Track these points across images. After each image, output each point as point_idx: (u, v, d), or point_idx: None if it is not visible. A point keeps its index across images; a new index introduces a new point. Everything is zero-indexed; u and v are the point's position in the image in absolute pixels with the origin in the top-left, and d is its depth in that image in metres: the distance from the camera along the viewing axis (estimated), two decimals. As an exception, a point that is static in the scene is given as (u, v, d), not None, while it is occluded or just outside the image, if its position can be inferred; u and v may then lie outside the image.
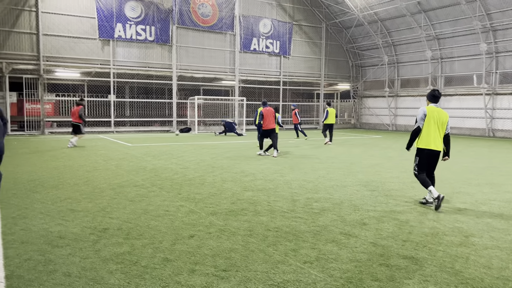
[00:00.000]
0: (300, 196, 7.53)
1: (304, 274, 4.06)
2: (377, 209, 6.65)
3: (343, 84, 34.55)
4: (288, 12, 30.52)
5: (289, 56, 30.77)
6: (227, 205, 6.78)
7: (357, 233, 5.37)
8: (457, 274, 4.11)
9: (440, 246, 4.92)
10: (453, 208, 6.82)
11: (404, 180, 9.45)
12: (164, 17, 25.55)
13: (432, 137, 6.75)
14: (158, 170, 10.37)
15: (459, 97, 27.25)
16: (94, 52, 23.76)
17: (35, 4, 22.03)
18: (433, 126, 6.74)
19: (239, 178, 9.30)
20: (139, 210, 6.40)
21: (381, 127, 32.78)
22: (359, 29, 31.61)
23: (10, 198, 7.06)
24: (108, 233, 5.24)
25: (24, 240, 4.93)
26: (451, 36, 26.81)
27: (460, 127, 27.30)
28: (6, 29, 21.50)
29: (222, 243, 4.91)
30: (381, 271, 4.16)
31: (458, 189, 8.53)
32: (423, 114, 6.82)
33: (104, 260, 4.33)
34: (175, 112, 26.87)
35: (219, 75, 28.21)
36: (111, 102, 24.78)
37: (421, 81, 29.85)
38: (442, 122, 6.79)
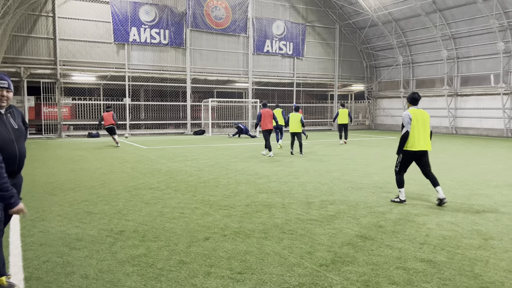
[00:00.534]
0: (315, 198, 7.50)
1: (320, 277, 4.03)
2: (394, 211, 6.58)
3: (357, 85, 34.32)
4: (301, 13, 30.47)
5: (303, 58, 30.70)
6: (242, 207, 6.78)
7: (373, 236, 5.31)
8: (476, 278, 4.03)
9: (459, 249, 4.84)
10: (472, 210, 6.71)
11: (421, 181, 9.32)
12: (178, 20, 25.75)
13: (421, 138, 6.97)
14: (173, 172, 10.44)
15: (476, 97, 26.82)
16: (109, 56, 24.07)
17: (52, 9, 22.43)
18: (420, 127, 6.96)
19: (253, 180, 9.30)
20: (154, 212, 6.44)
21: (396, 128, 32.44)
22: (373, 29, 31.38)
23: (29, 201, 7.18)
24: (124, 235, 5.29)
25: (42, 242, 5.01)
26: (468, 35, 26.41)
27: (477, 128, 26.87)
28: (24, 34, 21.93)
29: (237, 246, 4.91)
30: (398, 274, 4.11)
31: (476, 190, 8.38)
32: (409, 118, 6.96)
33: (121, 262, 4.37)
34: (189, 115, 27.04)
35: (233, 78, 28.29)
36: (126, 105, 25.05)
37: (437, 81, 29.47)
38: (425, 121, 7.04)
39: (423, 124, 6.98)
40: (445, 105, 28.45)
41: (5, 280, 3.75)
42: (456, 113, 28.20)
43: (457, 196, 7.84)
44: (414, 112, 7.01)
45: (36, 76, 22.55)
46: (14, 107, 3.89)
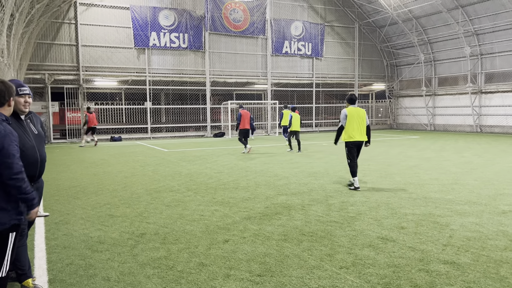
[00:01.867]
0: (335, 200, 7.43)
1: (340, 280, 3.99)
2: (416, 212, 6.47)
3: (378, 84, 33.89)
4: (320, 13, 30.30)
5: (322, 58, 30.51)
6: (261, 209, 6.77)
7: (394, 237, 5.23)
8: (502, 280, 3.92)
9: (484, 251, 4.72)
10: (497, 211, 6.53)
11: (444, 182, 9.14)
12: (197, 24, 25.96)
13: (356, 131, 8.41)
14: (193, 175, 10.51)
15: (502, 94, 26.12)
16: (130, 60, 24.44)
17: (74, 17, 22.93)
18: (356, 123, 8.41)
19: (272, 182, 9.29)
20: (175, 215, 6.50)
21: (419, 127, 31.89)
22: (393, 27, 30.95)
23: (53, 204, 7.35)
24: (145, 238, 5.35)
25: (66, 245, 5.11)
26: (491, 31, 25.76)
27: (503, 126, 26.17)
28: (48, 42, 22.49)
29: (257, 248, 4.90)
30: (421, 276, 4.03)
31: (502, 190, 8.16)
32: (345, 115, 8.45)
33: (142, 265, 4.43)
34: (209, 117, 27.21)
35: (252, 79, 28.34)
36: (148, 109, 25.38)
37: (460, 79, 28.84)
38: (362, 118, 8.49)
39: (358, 120, 8.43)
40: (469, 103, 27.82)
41: (31, 282, 3.85)
42: (480, 111, 27.53)
43: (482, 196, 7.65)
44: (351, 110, 8.47)
45: (59, 82, 23.09)
46: (33, 113, 3.99)
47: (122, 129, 25.80)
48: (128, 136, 24.87)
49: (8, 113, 3.21)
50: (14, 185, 3.02)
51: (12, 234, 3.10)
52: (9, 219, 3.05)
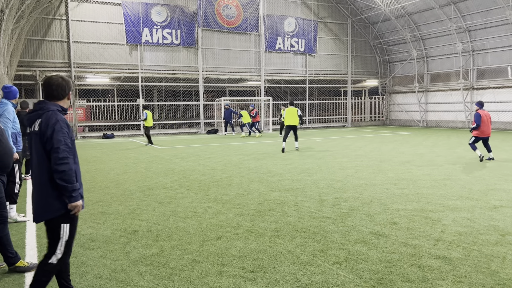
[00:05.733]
0: (328, 196, 7.45)
1: (333, 275, 4.00)
2: (408, 208, 6.50)
3: (371, 80, 33.98)
4: (313, 9, 30.28)
5: (315, 54, 30.52)
6: (254, 206, 6.77)
7: (387, 233, 5.25)
8: (493, 275, 3.95)
9: (475, 246, 4.75)
10: (489, 206, 6.58)
11: (436, 177, 9.20)
12: (189, 20, 25.84)
13: (291, 120, 14.64)
14: (186, 171, 10.48)
15: (493, 90, 26.30)
16: (122, 57, 24.28)
17: (65, 13, 22.71)
18: (290, 116, 14.63)
19: (266, 179, 9.28)
20: (167, 212, 6.48)
21: (411, 123, 32.06)
22: (386, 24, 31.02)
23: (44, 202, 7.29)
24: (138, 235, 5.33)
25: (57, 242, 5.06)
26: (483, 28, 25.91)
27: (494, 121, 26.33)
28: (39, 38, 22.26)
29: (250, 244, 4.90)
30: (413, 271, 4.05)
31: (493, 185, 8.23)
32: (284, 112, 15.20)
33: (134, 262, 4.41)
34: (202, 114, 27.13)
35: (245, 76, 28.28)
36: (140, 106, 25.26)
37: (452, 75, 28.99)
38: (294, 113, 14.63)
39: (292, 114, 14.63)
40: (461, 99, 28.00)
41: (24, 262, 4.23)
42: (472, 107, 27.69)
43: (473, 191, 7.70)
44: (289, 109, 14.78)
45: (51, 79, 22.87)
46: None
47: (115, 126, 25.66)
48: (120, 133, 24.73)
49: (66, 106, 3.40)
50: (61, 170, 3.10)
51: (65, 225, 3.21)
52: (60, 207, 3.16)
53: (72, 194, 3.15)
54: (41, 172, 3.17)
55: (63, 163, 3.11)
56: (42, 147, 3.15)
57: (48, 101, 3.30)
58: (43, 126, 3.15)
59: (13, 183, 5.93)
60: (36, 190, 3.21)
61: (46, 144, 3.12)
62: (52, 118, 3.16)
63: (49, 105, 3.26)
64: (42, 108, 3.25)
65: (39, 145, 3.16)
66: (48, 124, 3.14)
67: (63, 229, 3.21)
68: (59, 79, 3.33)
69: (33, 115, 3.25)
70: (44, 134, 3.12)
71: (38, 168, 3.18)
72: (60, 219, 3.19)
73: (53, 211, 3.15)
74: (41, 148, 3.15)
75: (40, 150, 3.16)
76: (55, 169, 3.10)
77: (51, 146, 3.11)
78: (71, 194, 3.15)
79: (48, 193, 3.15)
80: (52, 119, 3.16)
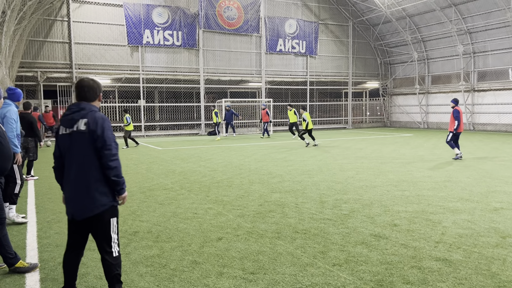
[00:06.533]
0: (329, 198, 7.45)
1: (333, 277, 4.00)
2: (408, 210, 6.50)
3: (372, 82, 33.98)
4: (314, 11, 30.30)
5: (316, 56, 30.53)
6: (255, 207, 6.77)
7: (387, 235, 5.25)
8: (493, 277, 3.95)
9: (475, 248, 4.75)
10: (489, 208, 6.58)
11: (436, 179, 9.19)
12: (191, 21, 25.87)
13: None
14: (187, 173, 10.49)
15: (494, 92, 26.28)
16: (123, 58, 24.32)
17: (67, 14, 22.76)
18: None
19: (266, 180, 9.29)
20: (168, 213, 6.48)
21: (412, 125, 32.03)
22: (387, 26, 31.03)
23: (45, 203, 7.30)
24: (138, 236, 5.33)
25: (58, 243, 5.08)
26: (484, 30, 25.90)
27: (495, 123, 26.35)
28: (40, 39, 22.31)
29: (250, 246, 4.90)
30: (413, 273, 4.05)
31: (494, 187, 8.22)
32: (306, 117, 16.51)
33: (134, 263, 4.41)
34: (203, 115, 27.15)
35: (246, 77, 28.30)
36: (141, 107, 25.29)
37: (453, 77, 28.98)
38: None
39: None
40: (461, 101, 27.95)
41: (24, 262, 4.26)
42: (473, 109, 27.71)
43: (474, 193, 7.70)
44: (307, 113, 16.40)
45: (52, 80, 22.92)
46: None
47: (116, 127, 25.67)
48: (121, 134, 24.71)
49: (98, 107, 3.50)
50: (113, 166, 3.28)
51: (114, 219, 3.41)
52: (108, 201, 3.32)
53: (122, 186, 3.38)
54: (87, 169, 3.26)
55: (115, 159, 3.30)
56: (90, 146, 3.25)
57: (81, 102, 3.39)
58: (92, 125, 3.26)
59: (14, 184, 5.94)
60: (78, 188, 3.28)
61: (97, 142, 3.25)
62: (100, 117, 3.32)
63: (90, 106, 3.38)
64: (84, 108, 3.34)
65: (84, 144, 3.25)
66: (97, 123, 3.27)
67: (113, 223, 3.40)
68: (90, 82, 3.43)
69: (76, 115, 3.31)
70: (94, 132, 3.24)
71: (82, 166, 3.27)
72: (109, 213, 3.36)
73: (101, 206, 3.29)
74: (88, 146, 3.26)
75: (87, 148, 3.26)
76: (108, 166, 3.27)
77: (103, 144, 3.25)
78: (122, 187, 3.38)
79: (96, 189, 3.27)
80: (100, 118, 3.31)
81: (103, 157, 3.26)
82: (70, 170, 3.34)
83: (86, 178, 3.27)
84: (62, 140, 3.36)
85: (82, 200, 3.28)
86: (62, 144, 3.37)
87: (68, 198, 3.37)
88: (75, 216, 3.32)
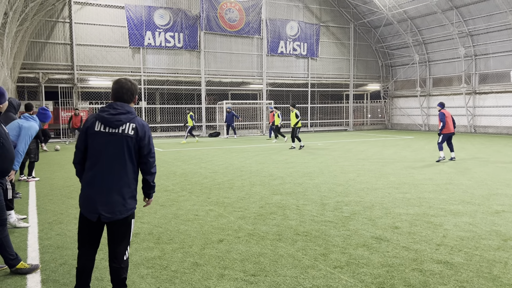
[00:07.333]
0: (330, 200, 7.44)
1: (334, 279, 3.99)
2: (410, 212, 6.49)
3: (373, 84, 34.00)
4: (315, 13, 30.34)
5: (317, 58, 30.56)
6: (256, 209, 6.77)
7: (388, 237, 5.25)
8: (495, 280, 3.95)
9: (477, 250, 4.74)
10: (490, 210, 6.57)
11: (438, 182, 9.18)
12: (192, 23, 25.92)
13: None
14: (188, 174, 10.49)
15: (495, 94, 26.27)
16: (125, 60, 24.36)
17: (68, 15, 22.82)
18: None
19: (267, 182, 9.29)
20: (169, 214, 6.49)
21: (413, 127, 32.02)
22: (388, 28, 31.05)
23: (46, 204, 7.31)
24: (139, 237, 5.33)
25: (59, 245, 5.08)
26: (485, 32, 25.91)
27: (497, 126, 26.33)
28: (42, 40, 22.36)
29: (251, 248, 4.90)
30: (414, 276, 4.05)
31: (495, 190, 8.21)
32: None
33: (136, 264, 4.41)
34: (204, 117, 27.17)
35: (247, 79, 28.32)
36: (142, 109, 25.31)
37: (454, 80, 28.98)
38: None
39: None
40: (463, 103, 27.97)
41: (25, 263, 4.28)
42: (474, 112, 27.69)
43: (475, 196, 7.69)
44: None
45: (54, 81, 22.96)
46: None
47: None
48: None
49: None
50: (154, 172, 3.45)
51: (133, 220, 3.46)
52: (135, 204, 3.39)
53: (154, 191, 3.60)
54: (122, 173, 3.26)
55: (155, 166, 3.46)
56: (130, 150, 3.26)
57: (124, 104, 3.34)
58: (140, 132, 3.28)
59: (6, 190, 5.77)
60: (111, 190, 3.24)
61: (143, 149, 3.31)
62: (146, 125, 3.36)
63: (132, 109, 3.35)
64: (130, 112, 3.31)
65: (125, 148, 3.23)
66: (145, 131, 3.31)
67: (132, 224, 3.46)
68: (128, 83, 3.37)
69: (123, 118, 3.25)
70: (143, 139, 3.29)
71: (116, 169, 3.24)
72: (131, 216, 3.40)
73: (130, 209, 3.33)
74: (127, 151, 3.25)
75: (125, 152, 3.24)
76: (151, 172, 3.41)
77: (148, 151, 3.33)
78: (154, 191, 3.60)
79: (129, 193, 3.31)
80: (146, 125, 3.36)
81: (147, 163, 3.35)
82: (101, 170, 3.24)
83: (122, 181, 3.26)
84: (97, 136, 3.24)
85: (114, 203, 3.24)
86: (95, 141, 3.24)
87: (95, 198, 3.24)
88: (102, 218, 3.25)
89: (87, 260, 3.42)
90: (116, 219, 3.27)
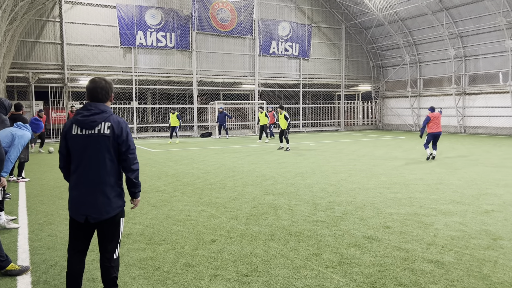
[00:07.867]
0: (322, 200, 7.47)
1: (326, 279, 4.01)
2: (401, 212, 6.54)
3: (364, 85, 34.17)
4: (307, 14, 30.42)
5: (309, 59, 30.63)
6: (248, 210, 6.77)
7: (380, 237, 5.28)
8: (484, 279, 3.99)
9: (467, 250, 4.79)
10: (480, 210, 6.64)
11: (428, 182, 9.26)
12: (184, 23, 25.84)
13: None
14: (180, 175, 10.46)
15: (485, 95, 26.55)
16: (116, 60, 24.21)
17: (59, 15, 22.61)
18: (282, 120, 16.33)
19: (260, 182, 9.29)
20: (161, 215, 6.46)
21: (404, 127, 32.25)
22: (379, 29, 31.24)
23: (36, 205, 7.24)
24: (131, 238, 5.31)
25: (50, 246, 5.04)
26: (475, 34, 26.18)
27: (486, 127, 26.61)
28: (32, 40, 22.14)
29: (243, 248, 4.90)
30: (405, 275, 4.08)
31: (485, 190, 8.30)
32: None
33: (127, 265, 4.39)
34: (196, 117, 27.10)
35: (239, 79, 28.31)
36: (134, 109, 25.18)
37: (444, 80, 29.24)
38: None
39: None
40: (453, 104, 28.23)
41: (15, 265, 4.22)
42: (464, 112, 27.96)
43: (465, 196, 7.77)
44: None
45: (44, 81, 22.74)
46: None
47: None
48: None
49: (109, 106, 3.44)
50: (136, 169, 3.39)
51: (122, 219, 3.45)
52: (122, 203, 3.39)
53: (139, 189, 3.52)
54: (105, 172, 3.25)
55: (137, 163, 3.39)
56: (110, 149, 3.23)
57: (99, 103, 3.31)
58: (117, 129, 3.24)
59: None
60: (95, 191, 3.24)
61: (121, 146, 3.27)
62: (122, 122, 3.32)
63: (107, 108, 3.31)
64: (105, 111, 3.27)
65: (104, 147, 3.22)
66: (121, 127, 3.27)
67: (122, 223, 3.44)
68: (102, 82, 3.34)
69: (98, 118, 3.22)
70: (120, 136, 3.25)
71: (99, 169, 3.23)
72: (119, 214, 3.39)
73: (116, 208, 3.33)
74: (107, 150, 3.23)
75: (106, 151, 3.23)
76: (131, 169, 3.34)
77: (127, 148, 3.29)
78: (139, 190, 3.52)
79: (113, 192, 3.30)
80: (123, 122, 3.32)
81: (127, 160, 3.30)
82: (83, 172, 3.25)
83: (104, 181, 3.25)
84: (76, 140, 3.25)
85: (99, 203, 3.25)
86: (75, 144, 3.25)
87: (80, 200, 3.27)
88: (90, 219, 3.25)
89: (77, 263, 3.41)
90: (103, 219, 3.27)
